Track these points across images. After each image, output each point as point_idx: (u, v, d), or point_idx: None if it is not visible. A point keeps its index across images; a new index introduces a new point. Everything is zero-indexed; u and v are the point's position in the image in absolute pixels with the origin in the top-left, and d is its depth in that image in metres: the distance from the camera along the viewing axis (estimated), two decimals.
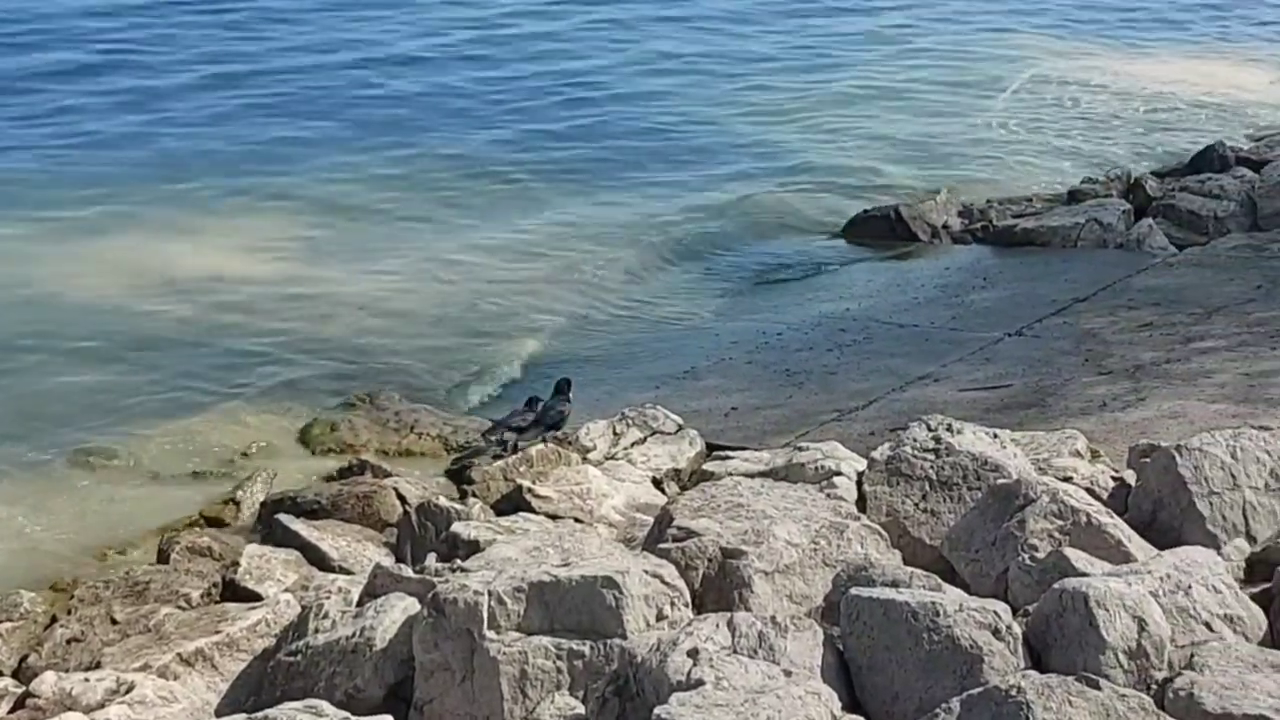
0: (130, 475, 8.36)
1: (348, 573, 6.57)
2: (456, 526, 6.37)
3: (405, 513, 7.03)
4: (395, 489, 7.61)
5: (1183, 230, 12.39)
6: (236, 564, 6.68)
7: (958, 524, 5.73)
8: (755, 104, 17.07)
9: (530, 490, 7.05)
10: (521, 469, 7.51)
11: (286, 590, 6.27)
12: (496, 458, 7.95)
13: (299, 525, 7.16)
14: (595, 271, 11.85)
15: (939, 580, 4.95)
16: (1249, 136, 16.09)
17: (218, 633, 5.77)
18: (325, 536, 7.07)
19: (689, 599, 5.01)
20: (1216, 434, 5.89)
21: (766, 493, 5.94)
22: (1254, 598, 4.91)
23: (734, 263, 12.27)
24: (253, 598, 6.38)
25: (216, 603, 6.41)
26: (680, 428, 8.19)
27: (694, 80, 17.95)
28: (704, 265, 12.19)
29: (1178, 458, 5.71)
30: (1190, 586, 4.69)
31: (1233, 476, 5.66)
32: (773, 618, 4.63)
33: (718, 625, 4.58)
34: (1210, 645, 4.50)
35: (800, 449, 7.14)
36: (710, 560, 5.31)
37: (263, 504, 7.80)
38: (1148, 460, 6.08)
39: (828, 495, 6.12)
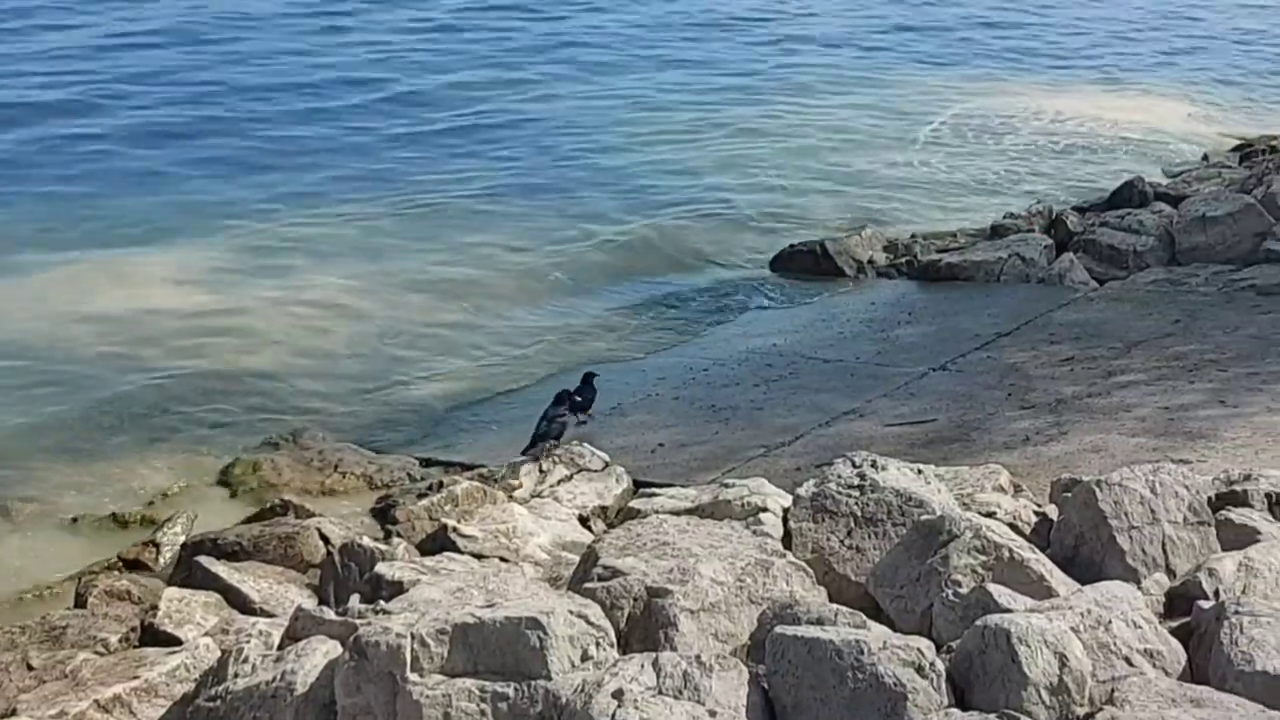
0: (46, 517, 8.24)
1: (269, 615, 6.50)
2: (380, 567, 6.32)
3: (328, 553, 6.97)
4: (318, 529, 7.53)
5: (1103, 265, 12.54)
6: (155, 608, 6.58)
7: (882, 560, 5.75)
8: (679, 139, 17.16)
9: (455, 529, 7.01)
10: (447, 508, 7.48)
11: (206, 634, 6.19)
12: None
13: (220, 567, 7.07)
14: (519, 307, 11.85)
15: (864, 617, 4.96)
16: (1166, 171, 16.36)
17: (136, 678, 5.68)
18: (246, 579, 6.98)
19: (614, 639, 4.98)
20: (1136, 469, 5.95)
21: (692, 530, 5.94)
22: (1173, 632, 4.96)
23: (659, 298, 12.30)
24: (172, 642, 6.28)
25: (135, 647, 6.31)
26: (607, 465, 8.19)
27: (618, 114, 18.02)
28: (629, 301, 12.20)
29: (1098, 493, 5.76)
30: (1111, 622, 4.74)
31: (1152, 511, 5.72)
32: (698, 657, 4.62)
33: (643, 665, 4.57)
34: (1130, 680, 4.54)
35: (726, 486, 7.13)
36: (636, 599, 5.29)
37: (183, 546, 7.69)
38: (1069, 495, 6.13)
39: (754, 532, 6.12)
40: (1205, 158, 16.93)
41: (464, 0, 24.51)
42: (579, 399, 9.11)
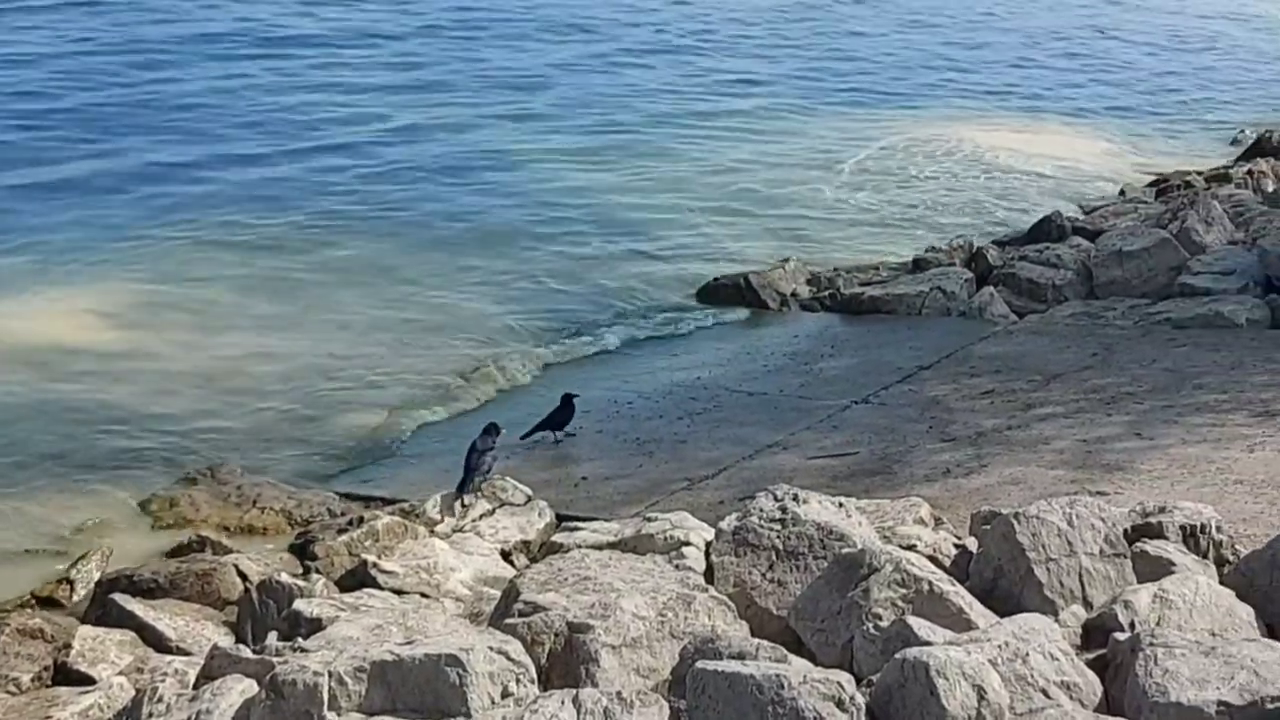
0: None
1: (185, 654, 6.42)
2: (298, 604, 6.27)
3: (246, 590, 6.91)
4: (236, 566, 7.45)
5: (1023, 298, 12.70)
6: (69, 646, 6.49)
7: (804, 594, 5.77)
8: (602, 170, 17.22)
9: (375, 565, 6.97)
10: (367, 543, 7.43)
11: (121, 673, 6.10)
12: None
13: (135, 605, 6.98)
14: (439, 339, 11.79)
15: (785, 651, 4.99)
16: (1083, 206, 16.59)
17: (48, 718, 5.60)
18: (162, 616, 6.90)
19: (535, 675, 4.97)
20: (1053, 501, 6.02)
21: (614, 565, 5.95)
22: (1090, 664, 5.02)
23: (584, 332, 12.27)
24: (86, 681, 6.20)
25: (48, 687, 6.22)
26: (529, 499, 8.17)
27: (541, 144, 18.05)
28: (552, 333, 12.17)
29: (1016, 525, 5.82)
30: (1028, 654, 4.78)
31: (1069, 543, 5.79)
32: (619, 693, 4.62)
33: (563, 702, 4.56)
34: (1047, 713, 4.59)
35: (649, 519, 7.14)
36: (557, 635, 5.29)
37: (98, 583, 7.58)
38: (988, 527, 6.19)
39: (676, 566, 6.14)
40: (1122, 192, 17.17)
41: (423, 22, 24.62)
42: (558, 418, 9.56)
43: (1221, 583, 5.81)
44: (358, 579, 6.97)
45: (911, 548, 6.16)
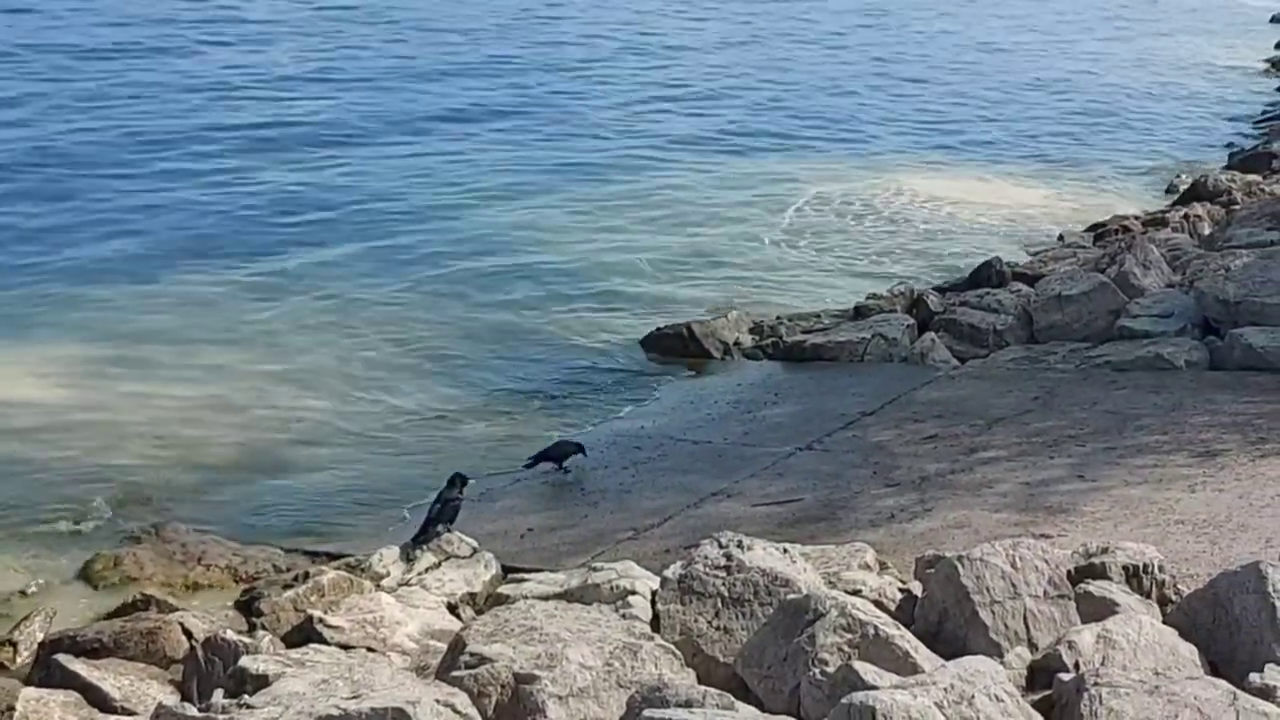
0: None
1: (130, 714, 6.37)
2: (244, 661, 6.22)
3: (191, 648, 6.86)
4: (181, 624, 7.40)
5: (964, 343, 12.80)
6: (12, 709, 6.41)
7: (750, 641, 5.80)
8: (541, 217, 17.29)
9: (321, 620, 6.94)
10: (313, 598, 7.39)
11: None
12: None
13: (79, 665, 6.91)
14: (383, 393, 11.78)
15: (732, 698, 5.00)
16: (1027, 250, 16.77)
17: None
18: (107, 676, 6.83)
19: None
20: (997, 544, 6.09)
21: (560, 615, 5.96)
22: (1035, 705, 5.06)
23: (526, 382, 12.27)
24: None
25: None
26: (475, 551, 8.15)
27: (471, 197, 18.09)
28: (495, 385, 12.15)
29: (960, 568, 5.88)
30: (974, 696, 4.82)
31: (1013, 585, 5.85)
32: None
33: None
34: None
35: (595, 569, 7.17)
36: (504, 686, 5.29)
37: (41, 644, 7.50)
38: (933, 571, 6.24)
39: (622, 615, 6.15)
40: (1061, 238, 17.37)
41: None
42: (560, 451, 9.84)
43: (1165, 622, 5.88)
44: (304, 634, 6.93)
45: (857, 593, 6.21)
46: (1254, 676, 5.20)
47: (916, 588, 6.40)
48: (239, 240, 15.67)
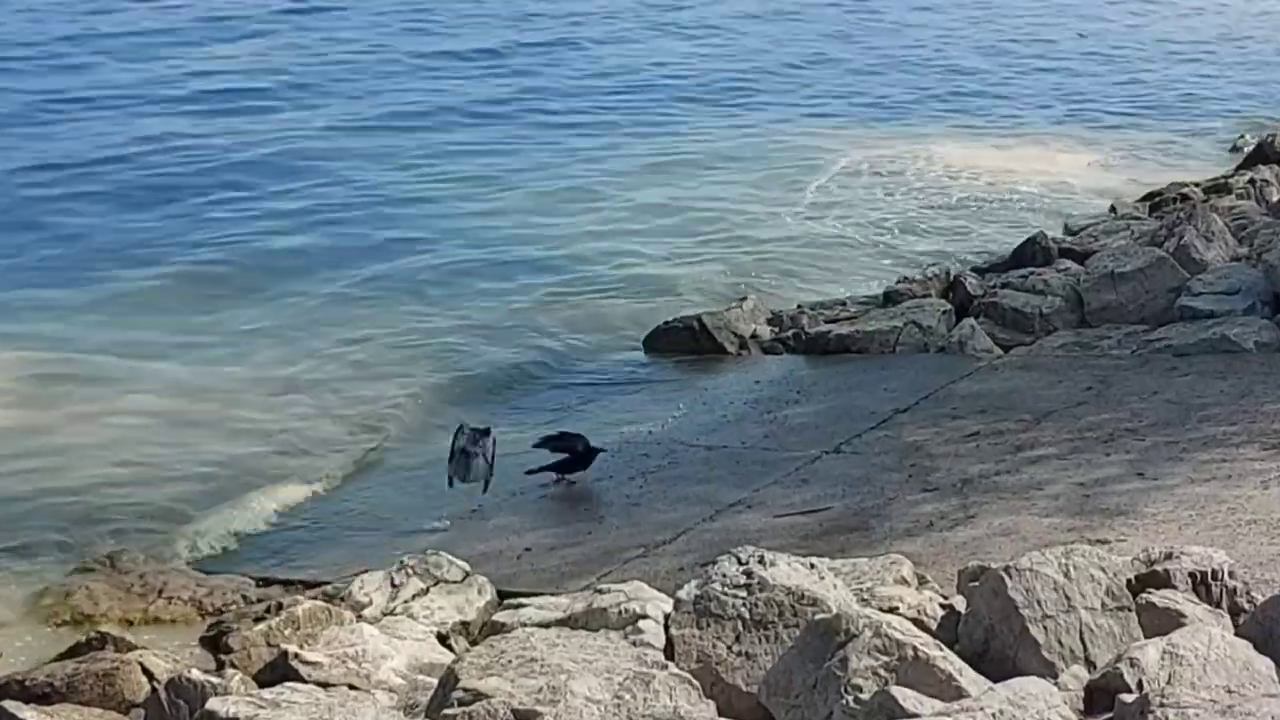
0: None
1: None
2: (212, 703, 6.22)
3: (153, 690, 6.85)
4: (141, 663, 7.39)
5: (1007, 330, 12.78)
6: None
7: (775, 666, 5.78)
8: (532, 203, 17.30)
9: (297, 656, 6.92)
10: (287, 632, 7.39)
11: None
12: None
13: (28, 712, 6.91)
14: (361, 398, 11.79)
15: None
16: (1069, 226, 16.75)
17: None
18: None
19: None
20: (1048, 552, 6.07)
21: (563, 644, 5.95)
22: None
23: (522, 385, 12.31)
24: None
25: None
26: (467, 575, 8.14)
27: (462, 176, 18.12)
28: (487, 389, 12.19)
29: (1008, 580, 5.86)
30: None
31: (1067, 598, 5.84)
32: None
33: None
34: None
35: (601, 592, 7.16)
36: None
37: None
38: (977, 584, 6.22)
39: (632, 642, 6.14)
40: (1112, 209, 17.35)
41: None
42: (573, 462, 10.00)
43: (1237, 634, 5.85)
44: (278, 672, 6.92)
45: (893, 610, 6.19)
46: None
47: (960, 603, 6.38)
48: (186, 235, 15.69)
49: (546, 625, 6.55)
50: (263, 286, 14.30)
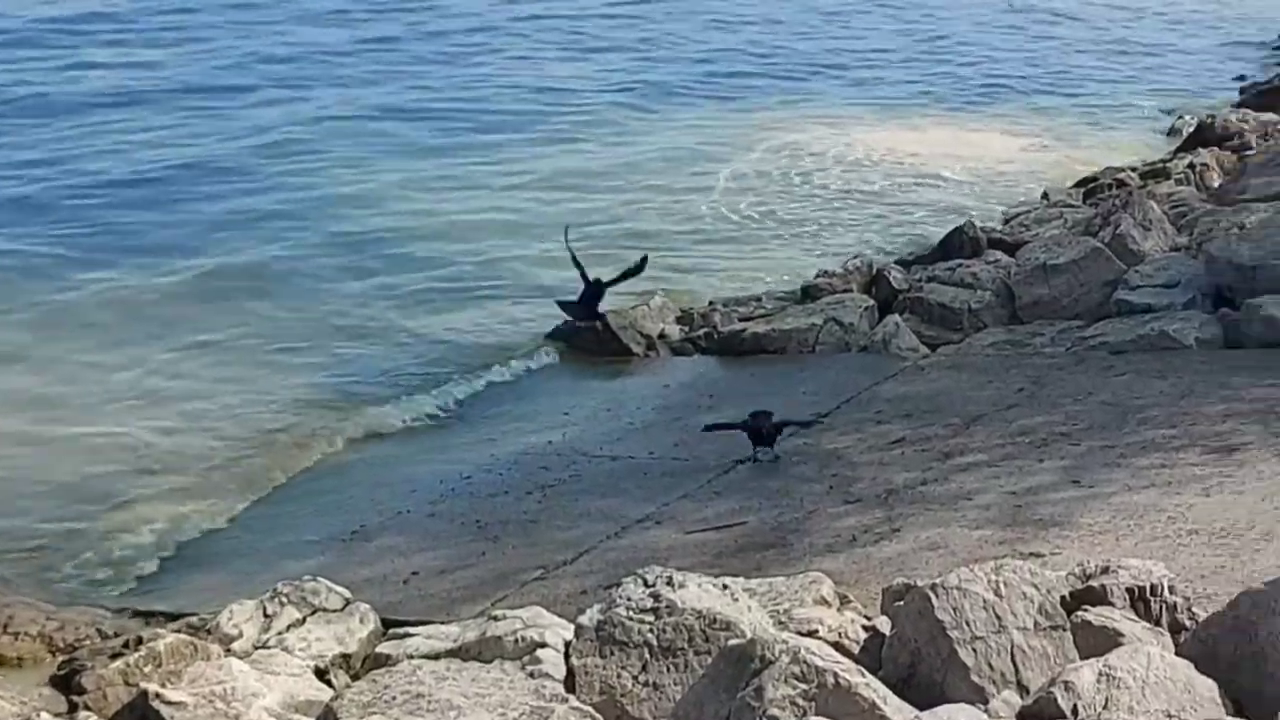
0: None
1: None
2: None
3: None
4: None
5: (934, 327, 12.88)
6: None
7: (685, 698, 5.79)
8: (425, 193, 17.27)
9: (159, 696, 6.84)
10: (147, 669, 7.31)
11: None
12: None
13: None
14: (235, 413, 11.69)
15: None
16: (1004, 213, 16.89)
17: None
18: None
19: None
20: (977, 568, 6.10)
21: (453, 677, 5.93)
22: None
23: (406, 391, 12.24)
24: None
25: None
26: (348, 602, 8.08)
27: (352, 164, 18.04)
28: (369, 394, 12.13)
29: (934, 599, 5.89)
30: None
31: (998, 617, 5.87)
32: None
33: None
34: None
35: (495, 618, 7.12)
36: None
37: None
38: (902, 604, 6.25)
39: (530, 674, 6.13)
40: (1045, 195, 17.53)
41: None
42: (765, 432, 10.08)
43: (1177, 653, 5.91)
44: (137, 713, 6.85)
45: (812, 633, 6.21)
46: None
47: (884, 624, 6.41)
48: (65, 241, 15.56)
49: (435, 656, 6.52)
50: (130, 288, 14.16)
